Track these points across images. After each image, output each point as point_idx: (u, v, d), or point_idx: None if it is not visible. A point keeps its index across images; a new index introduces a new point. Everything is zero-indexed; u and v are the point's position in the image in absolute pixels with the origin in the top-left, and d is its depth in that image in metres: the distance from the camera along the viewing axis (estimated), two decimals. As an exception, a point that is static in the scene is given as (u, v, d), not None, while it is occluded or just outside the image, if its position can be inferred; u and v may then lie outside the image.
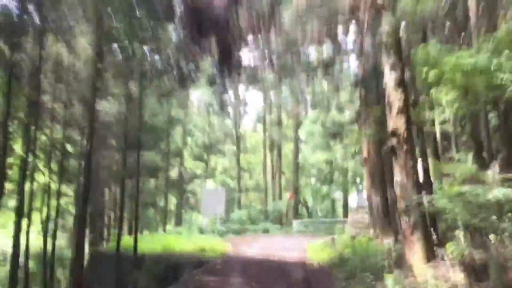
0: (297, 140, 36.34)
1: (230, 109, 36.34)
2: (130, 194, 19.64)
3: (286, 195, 33.95)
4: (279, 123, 36.14)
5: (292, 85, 19.94)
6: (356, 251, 12.15)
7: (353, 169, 33.99)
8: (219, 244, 17.84)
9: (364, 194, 23.00)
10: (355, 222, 20.18)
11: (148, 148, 20.93)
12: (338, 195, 49.07)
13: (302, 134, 37.01)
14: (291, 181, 36.63)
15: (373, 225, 15.41)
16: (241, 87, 32.98)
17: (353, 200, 50.47)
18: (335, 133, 27.68)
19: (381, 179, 14.35)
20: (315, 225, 33.56)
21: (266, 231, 27.63)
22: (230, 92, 33.63)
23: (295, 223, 31.23)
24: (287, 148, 41.28)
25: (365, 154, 15.86)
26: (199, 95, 34.64)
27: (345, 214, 46.22)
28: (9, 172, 15.56)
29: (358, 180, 38.27)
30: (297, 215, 36.20)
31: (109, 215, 24.11)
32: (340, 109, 26.69)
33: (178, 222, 29.98)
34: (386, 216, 13.93)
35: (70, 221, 22.74)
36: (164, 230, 26.30)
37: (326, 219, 38.57)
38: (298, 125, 36.57)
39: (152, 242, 17.71)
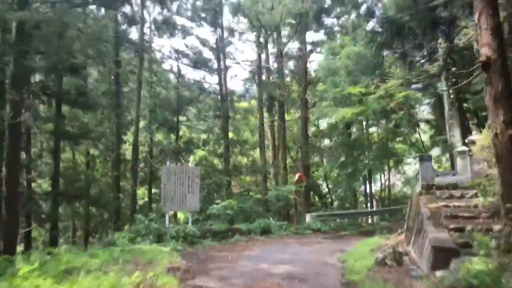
0: (305, 102, 26.71)
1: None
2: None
3: (293, 179, 24.39)
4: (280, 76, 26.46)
5: None
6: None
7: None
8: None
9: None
10: (436, 216, 10.67)
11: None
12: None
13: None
14: (298, 158, 27.16)
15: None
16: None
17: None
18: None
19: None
20: (336, 219, 24.13)
21: (266, 231, 18.27)
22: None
23: (309, 218, 21.81)
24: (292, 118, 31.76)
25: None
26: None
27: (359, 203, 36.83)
28: None
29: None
30: (309, 205, 26.78)
31: None
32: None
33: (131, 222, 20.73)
34: None
35: None
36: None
37: (348, 210, 29.14)
38: (306, 86, 26.99)
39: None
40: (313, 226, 20.60)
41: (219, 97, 25.71)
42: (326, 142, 37.80)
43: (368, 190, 37.87)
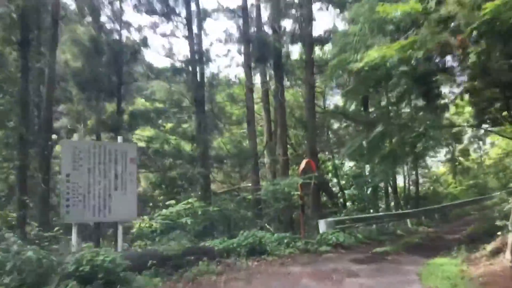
0: (312, 64, 19.42)
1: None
2: None
3: (298, 170, 16.89)
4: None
5: None
6: None
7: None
8: None
9: None
10: None
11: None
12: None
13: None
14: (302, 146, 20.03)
15: None
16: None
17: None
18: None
19: None
20: (360, 225, 16.88)
21: (256, 250, 11.12)
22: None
23: (324, 226, 14.50)
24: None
25: None
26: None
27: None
28: None
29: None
30: (320, 207, 19.48)
31: None
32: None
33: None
34: None
35: None
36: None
37: (375, 213, 21.86)
38: (312, 43, 19.72)
39: None
40: (331, 238, 13.30)
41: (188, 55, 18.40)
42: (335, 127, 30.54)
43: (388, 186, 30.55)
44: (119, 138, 10.53)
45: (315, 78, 20.14)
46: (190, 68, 18.22)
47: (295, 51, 25.19)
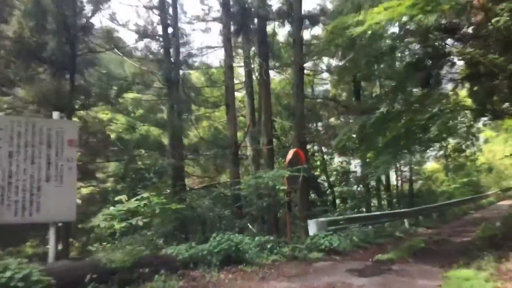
0: (301, 42, 17.32)
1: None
2: None
3: (284, 161, 14.68)
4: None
5: None
6: None
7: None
8: None
9: None
10: None
11: None
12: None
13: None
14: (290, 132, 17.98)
15: None
16: None
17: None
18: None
19: None
20: (355, 226, 14.86)
21: (233, 258, 8.95)
22: None
23: (314, 227, 12.42)
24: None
25: None
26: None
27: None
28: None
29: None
30: (309, 206, 17.44)
31: None
32: None
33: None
34: None
35: None
36: None
37: (370, 213, 19.99)
38: (301, 18, 17.58)
39: None
40: (323, 242, 11.21)
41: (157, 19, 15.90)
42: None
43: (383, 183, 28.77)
44: (55, 114, 8.19)
45: (305, 60, 17.95)
46: (163, 45, 15.90)
47: (282, 34, 22.96)
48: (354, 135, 14.00)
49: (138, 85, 17.28)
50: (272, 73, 27.41)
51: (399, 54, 12.55)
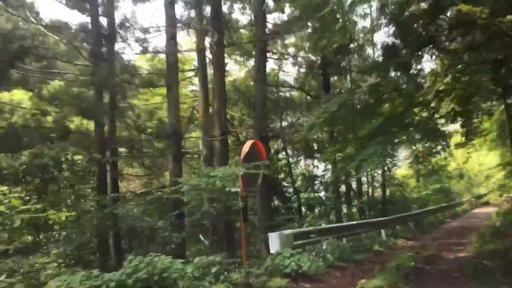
0: (263, 18, 14.52)
1: None
2: None
3: (239, 157, 11.68)
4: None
5: None
6: None
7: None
8: None
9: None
10: None
11: None
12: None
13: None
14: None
15: None
16: None
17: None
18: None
19: None
20: (325, 239, 12.00)
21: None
22: None
23: (277, 242, 9.47)
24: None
25: None
26: None
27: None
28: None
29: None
30: (271, 215, 14.59)
31: None
32: None
33: None
34: None
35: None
36: None
37: (344, 223, 17.42)
38: None
39: None
40: (288, 264, 8.30)
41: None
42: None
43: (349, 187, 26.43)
44: None
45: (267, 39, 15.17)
46: (89, 13, 12.67)
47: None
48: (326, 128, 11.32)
49: (58, 60, 13.83)
50: (231, 64, 24.65)
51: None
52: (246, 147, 9.98)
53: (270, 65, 23.14)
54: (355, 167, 9.70)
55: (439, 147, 38.54)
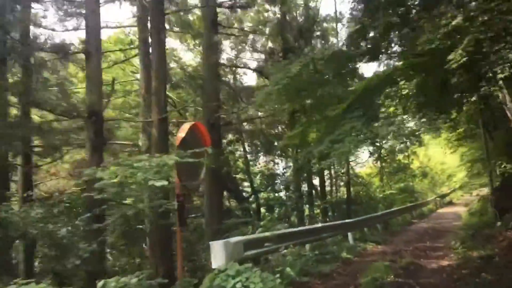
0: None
1: None
2: None
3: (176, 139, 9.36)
4: None
5: None
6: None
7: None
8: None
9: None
10: None
11: None
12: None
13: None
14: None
15: None
16: None
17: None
18: None
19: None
20: (285, 246, 9.85)
21: None
22: None
23: (222, 253, 7.16)
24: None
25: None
26: None
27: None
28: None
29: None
30: (220, 216, 12.33)
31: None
32: None
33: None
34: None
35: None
36: None
37: (307, 227, 15.48)
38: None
39: None
40: (233, 285, 6.08)
41: None
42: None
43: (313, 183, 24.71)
44: None
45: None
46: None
47: None
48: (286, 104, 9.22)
49: None
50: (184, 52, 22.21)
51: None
52: (182, 131, 7.71)
53: (227, 50, 20.98)
54: (322, 153, 7.54)
55: (402, 145, 37.72)
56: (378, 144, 35.13)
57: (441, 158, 44.91)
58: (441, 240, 14.72)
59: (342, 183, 26.82)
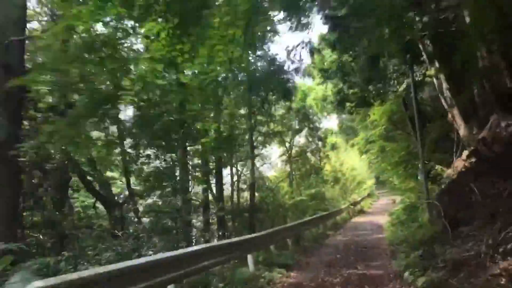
0: None
1: None
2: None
3: None
4: None
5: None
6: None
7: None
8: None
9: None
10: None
11: None
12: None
13: None
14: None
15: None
16: None
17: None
18: None
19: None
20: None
21: None
22: None
23: None
24: None
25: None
26: None
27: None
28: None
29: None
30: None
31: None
32: None
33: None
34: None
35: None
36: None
37: (177, 251, 10.44)
38: None
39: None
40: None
41: None
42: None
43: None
44: None
45: None
46: None
47: None
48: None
49: None
50: None
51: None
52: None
53: None
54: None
55: (314, 145, 34.73)
56: (286, 146, 31.78)
57: (353, 163, 43.10)
58: (375, 263, 10.75)
59: (245, 186, 22.34)
